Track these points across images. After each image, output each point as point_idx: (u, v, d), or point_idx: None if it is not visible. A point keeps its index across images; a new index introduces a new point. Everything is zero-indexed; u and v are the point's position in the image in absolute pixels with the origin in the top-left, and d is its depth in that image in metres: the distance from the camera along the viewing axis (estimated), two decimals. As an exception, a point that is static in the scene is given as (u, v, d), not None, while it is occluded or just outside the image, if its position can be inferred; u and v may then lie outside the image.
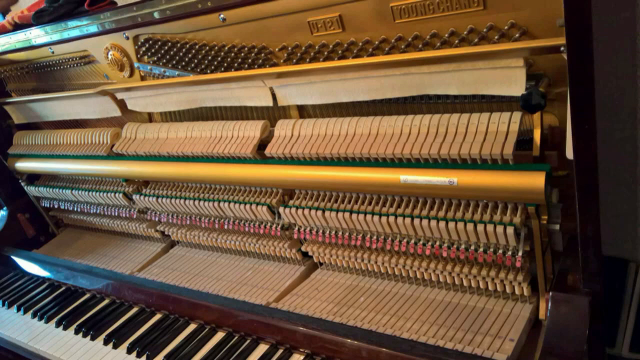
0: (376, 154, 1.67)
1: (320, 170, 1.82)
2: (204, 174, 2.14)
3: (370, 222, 1.76)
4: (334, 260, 2.00)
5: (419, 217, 1.66)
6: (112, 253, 2.75)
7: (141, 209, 2.56)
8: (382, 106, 1.78)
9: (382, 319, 1.74)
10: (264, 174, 1.97)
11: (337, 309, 1.84)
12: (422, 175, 1.58)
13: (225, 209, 2.13)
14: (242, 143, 2.01)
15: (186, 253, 2.52)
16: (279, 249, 2.14)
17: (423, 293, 1.81)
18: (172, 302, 2.11)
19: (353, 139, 1.74)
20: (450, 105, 1.64)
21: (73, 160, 2.66)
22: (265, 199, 2.04)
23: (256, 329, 1.84)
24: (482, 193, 1.52)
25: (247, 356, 1.78)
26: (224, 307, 1.96)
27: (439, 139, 1.57)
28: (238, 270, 2.26)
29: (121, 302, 2.29)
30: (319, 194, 1.91)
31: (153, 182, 2.45)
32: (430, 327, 1.65)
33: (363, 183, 1.73)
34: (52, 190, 2.90)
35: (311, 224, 1.94)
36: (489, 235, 1.54)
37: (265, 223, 2.10)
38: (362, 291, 1.91)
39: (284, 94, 1.89)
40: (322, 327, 1.72)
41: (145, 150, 2.30)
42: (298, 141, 1.87)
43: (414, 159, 1.62)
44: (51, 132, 2.81)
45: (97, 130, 2.57)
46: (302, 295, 1.98)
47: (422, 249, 1.70)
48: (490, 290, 1.69)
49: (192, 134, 2.18)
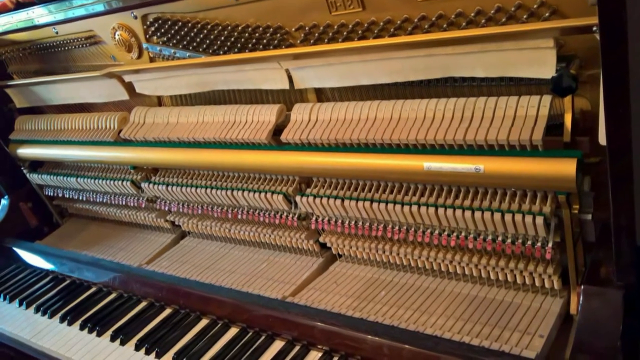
0: (398, 139, 1.70)
1: (339, 157, 1.85)
2: (216, 160, 2.18)
3: (392, 212, 1.79)
4: (353, 252, 2.03)
5: (443, 206, 1.69)
6: (119, 244, 2.80)
7: (150, 197, 2.60)
8: (404, 89, 1.82)
9: (404, 314, 1.78)
10: (279, 161, 2.01)
11: (357, 304, 1.88)
12: (446, 162, 1.61)
13: (239, 197, 2.16)
14: (257, 128, 2.04)
15: (197, 244, 2.57)
16: (295, 240, 2.18)
17: (448, 286, 1.85)
18: (182, 296, 2.15)
19: (374, 124, 1.77)
20: (476, 88, 1.67)
21: (78, 147, 2.70)
22: (281, 187, 2.07)
23: (271, 324, 1.88)
24: (510, 181, 1.55)
25: (262, 353, 1.82)
26: (237, 302, 2.00)
27: (464, 123, 1.60)
28: (252, 262, 2.30)
29: (129, 296, 2.33)
30: (337, 182, 1.95)
31: (162, 170, 2.49)
32: (456, 323, 1.69)
33: (384, 170, 1.76)
34: (56, 178, 2.94)
35: (330, 213, 1.97)
36: (517, 225, 1.58)
37: (281, 213, 2.14)
38: (384, 285, 1.95)
39: (300, 77, 1.92)
40: (341, 322, 1.75)
41: (155, 136, 2.34)
42: (316, 126, 1.90)
43: (438, 145, 1.65)
44: (55, 117, 2.85)
45: (104, 114, 2.61)
46: (320, 289, 2.02)
47: (447, 240, 1.74)
48: (519, 284, 1.72)
49: (203, 119, 2.22)
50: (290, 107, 2.01)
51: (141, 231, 2.85)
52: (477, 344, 1.57)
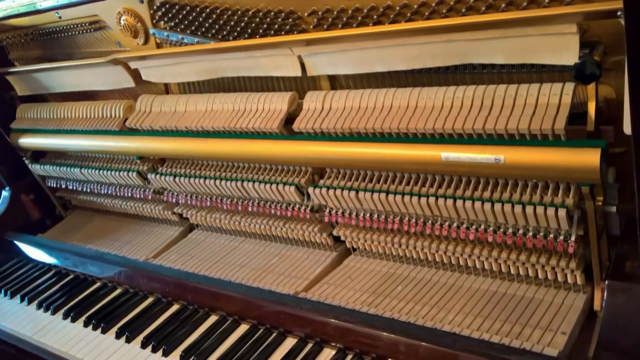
0: (415, 128, 1.72)
1: (354, 147, 1.87)
2: (226, 150, 2.20)
3: (408, 204, 1.81)
4: (368, 245, 2.06)
5: (461, 198, 1.71)
6: (124, 238, 2.82)
7: (157, 189, 2.62)
8: (421, 76, 1.84)
9: (421, 310, 1.80)
10: (291, 151, 2.03)
11: (372, 299, 1.91)
12: (465, 152, 1.63)
13: (249, 189, 2.19)
14: (268, 117, 2.07)
15: (206, 238, 2.59)
16: (308, 233, 2.20)
17: (466, 282, 1.87)
18: (190, 292, 2.18)
19: (389, 113, 1.80)
20: (497, 75, 1.69)
21: (82, 136, 2.73)
22: (293, 179, 2.10)
23: (283, 321, 1.91)
24: (531, 172, 1.57)
25: (274, 351, 1.85)
26: (247, 297, 2.03)
27: (483, 112, 1.62)
28: (263, 256, 2.33)
29: (135, 291, 2.36)
30: (352, 173, 1.97)
31: (170, 160, 2.52)
32: (474, 319, 1.71)
33: (401, 161, 1.78)
34: (59, 169, 2.97)
35: (344, 205, 2.00)
36: (538, 218, 1.60)
37: (293, 205, 2.16)
38: (400, 280, 1.97)
39: (313, 63, 1.94)
40: (355, 318, 1.77)
41: (162, 125, 2.37)
42: (329, 115, 1.93)
43: (456, 135, 1.67)
44: (58, 105, 2.87)
45: (109, 102, 2.63)
46: (333, 284, 2.04)
47: (466, 233, 1.76)
48: (540, 279, 1.75)
49: (212, 107, 2.24)
50: (303, 95, 2.03)
51: (147, 224, 2.87)
52: (497, 341, 1.58)
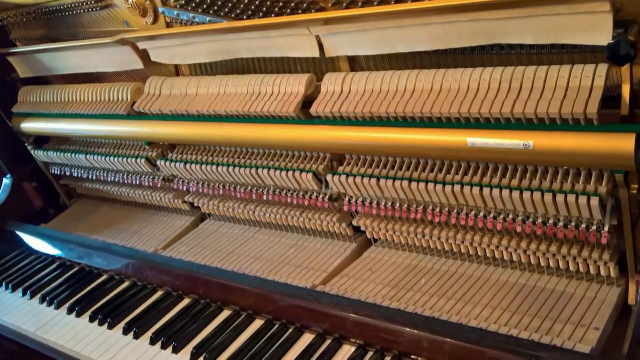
0: (439, 113, 1.74)
1: (375, 132, 1.90)
2: (239, 136, 2.23)
3: (432, 192, 1.84)
4: (390, 236, 2.09)
5: (489, 186, 1.73)
6: (132, 228, 2.87)
7: (167, 176, 2.66)
8: (446, 58, 1.86)
9: (446, 305, 1.83)
10: (309, 136, 2.05)
11: (394, 293, 1.94)
12: (492, 137, 1.65)
13: (265, 176, 2.22)
14: (284, 100, 2.08)
15: (219, 228, 2.63)
16: (326, 223, 2.23)
17: (494, 274, 1.90)
18: (202, 285, 2.21)
19: (412, 96, 1.81)
20: (525, 56, 1.71)
21: (88, 121, 2.76)
22: (311, 165, 2.13)
23: (300, 315, 1.94)
24: (562, 158, 1.58)
25: (290, 347, 1.87)
26: (262, 291, 2.06)
27: (512, 95, 1.63)
28: (279, 248, 2.37)
29: (143, 285, 2.39)
30: (373, 160, 2.00)
31: (180, 146, 2.55)
32: (502, 314, 1.73)
33: (424, 147, 1.81)
34: (64, 155, 3.00)
35: (364, 194, 2.03)
36: (570, 207, 1.62)
37: (310, 193, 2.19)
38: (423, 272, 2.01)
39: (332, 44, 1.96)
40: (376, 313, 1.80)
41: (172, 109, 2.39)
42: (349, 98, 1.94)
43: (483, 119, 1.69)
44: (62, 88, 2.89)
45: (116, 85, 2.66)
46: (353, 277, 2.07)
47: (493, 224, 1.79)
48: (572, 272, 1.77)
49: (225, 90, 2.26)
50: (321, 78, 2.04)
51: (157, 213, 2.91)
52: (526, 337, 1.60)
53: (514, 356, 1.52)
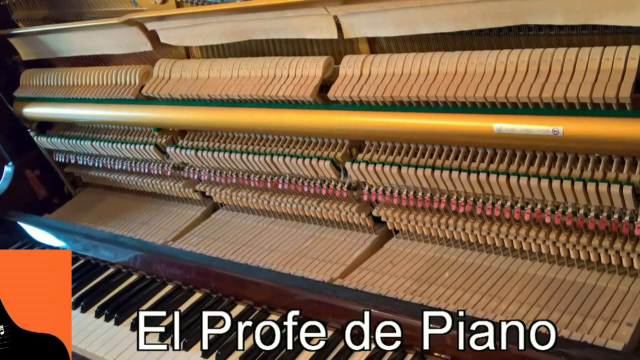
0: (464, 97, 1.75)
1: (396, 117, 1.92)
2: (253, 121, 2.25)
3: (456, 181, 1.86)
4: (412, 227, 2.11)
5: (516, 174, 1.75)
6: (140, 218, 2.90)
7: (177, 164, 2.68)
8: (470, 39, 1.87)
9: (470, 299, 1.85)
10: (326, 122, 2.08)
11: (416, 287, 1.96)
12: (520, 123, 1.66)
13: (280, 164, 2.24)
14: (300, 84, 2.10)
15: (231, 218, 2.66)
16: (345, 213, 2.25)
17: (521, 267, 1.92)
18: (214, 279, 2.23)
19: (435, 79, 1.82)
20: (555, 37, 1.72)
21: (94, 105, 2.79)
22: (329, 153, 2.15)
23: (317, 310, 1.94)
24: (593, 145, 1.60)
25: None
26: (277, 285, 2.08)
27: (540, 78, 1.64)
28: (295, 239, 2.39)
29: (152, 278, 2.41)
30: (393, 147, 2.02)
31: (191, 132, 2.58)
32: (530, 309, 1.75)
33: (448, 133, 1.82)
34: (68, 142, 3.04)
35: (384, 182, 2.05)
36: (601, 196, 1.63)
37: (328, 182, 2.21)
38: (447, 265, 2.03)
39: (351, 24, 1.97)
40: (397, 308, 1.81)
41: (182, 93, 2.41)
42: (368, 81, 1.96)
43: (509, 104, 1.70)
44: (66, 71, 2.92)
45: (123, 68, 2.68)
46: (373, 270, 2.10)
47: (520, 214, 1.80)
48: (603, 264, 1.78)
49: (239, 73, 2.27)
50: (339, 60, 2.06)
51: (166, 203, 2.94)
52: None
53: (542, 354, 1.51)
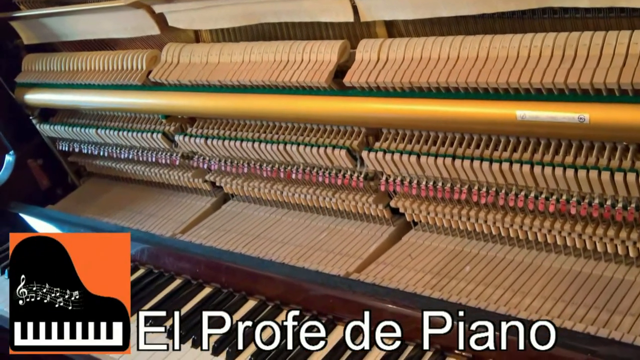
0: (486, 82, 1.75)
1: (415, 104, 1.93)
2: (266, 108, 2.28)
3: (478, 170, 1.87)
4: (431, 219, 2.13)
5: (540, 163, 1.76)
6: (148, 210, 2.93)
7: (185, 153, 2.71)
8: (492, 22, 1.87)
9: (493, 294, 1.86)
10: (342, 109, 2.10)
11: (436, 281, 1.98)
12: (544, 109, 1.67)
13: (293, 153, 2.26)
14: (315, 69, 2.11)
15: (243, 210, 2.69)
16: (361, 204, 2.27)
17: (545, 261, 1.93)
18: (225, 273, 2.25)
19: (456, 64, 1.83)
20: (580, 21, 1.72)
21: (99, 91, 2.81)
22: (344, 141, 2.16)
23: (332, 306, 1.96)
24: (621, 133, 1.61)
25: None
26: (291, 279, 2.10)
27: (565, 64, 1.65)
28: (309, 231, 2.42)
29: (160, 272, 2.43)
30: (412, 135, 2.03)
31: (201, 119, 2.60)
32: (555, 305, 1.76)
33: (469, 120, 1.84)
34: (72, 130, 3.06)
35: (403, 172, 2.06)
36: (629, 186, 1.64)
37: (344, 171, 2.23)
38: (468, 258, 2.05)
39: (367, 6, 1.98)
40: (416, 304, 1.82)
41: (191, 79, 2.43)
42: (386, 67, 1.97)
43: (533, 90, 1.70)
44: (70, 56, 2.94)
45: (130, 52, 2.69)
46: (391, 264, 2.12)
47: (544, 205, 1.82)
48: (632, 257, 1.79)
49: (250, 58, 2.29)
50: (355, 44, 2.07)
51: (174, 194, 2.97)
52: (580, 330, 1.62)
53: (567, 351, 1.52)
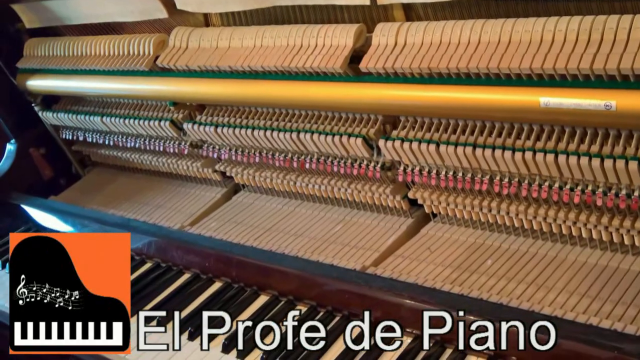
0: (508, 68, 1.76)
1: (434, 91, 1.94)
2: (278, 95, 2.30)
3: (500, 160, 1.88)
4: (451, 210, 2.14)
5: (564, 152, 1.76)
6: (155, 201, 2.96)
7: (194, 142, 2.73)
8: (515, 5, 1.88)
9: (515, 289, 1.88)
10: (358, 95, 2.11)
11: (456, 275, 1.99)
12: (569, 96, 1.68)
13: (307, 142, 2.28)
14: (330, 54, 2.12)
15: (254, 201, 2.71)
16: (378, 195, 2.29)
17: (570, 254, 1.94)
18: (235, 267, 2.26)
19: (477, 49, 1.84)
20: (607, 4, 1.72)
21: (104, 77, 2.84)
22: (360, 129, 2.18)
23: (348, 302, 1.98)
24: (649, 121, 1.62)
25: (337, 337, 1.89)
26: (304, 273, 2.12)
27: (591, 48, 1.65)
28: (324, 223, 2.44)
29: (168, 266, 2.44)
30: (431, 123, 2.05)
31: (210, 107, 2.62)
32: (580, 300, 1.77)
33: (490, 107, 1.85)
34: (76, 117, 3.09)
35: (421, 162, 2.07)
36: (658, 177, 1.66)
37: (360, 161, 2.24)
38: (489, 252, 2.06)
39: (384, -12, 2.00)
40: (436, 299, 1.84)
41: (200, 64, 2.45)
42: (404, 52, 1.98)
43: (558, 76, 1.71)
44: (74, 40, 2.96)
45: (136, 37, 2.71)
46: (409, 257, 2.13)
47: (569, 196, 1.82)
48: (661, 251, 1.81)
49: (262, 42, 2.30)
50: (372, 28, 2.08)
51: (183, 184, 2.99)
52: (607, 326, 1.63)
53: (593, 348, 1.53)
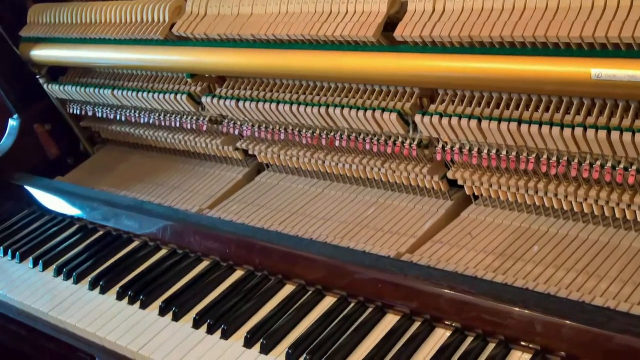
0: (556, 37, 1.76)
1: (475, 62, 1.95)
2: (306, 66, 2.31)
3: (547, 137, 1.89)
4: (494, 192, 2.15)
5: (618, 128, 1.77)
6: (171, 182, 3.00)
7: (214, 117, 2.76)
8: (565, -33, 1.90)
9: (565, 278, 1.89)
10: (392, 67, 2.12)
11: (500, 263, 2.01)
12: (623, 68, 1.67)
13: (337, 117, 2.29)
14: (362, 22, 2.13)
15: (279, 182, 2.75)
16: (414, 175, 2.30)
17: (624, 240, 1.96)
18: (259, 254, 2.29)
19: (522, 16, 1.84)
20: None
21: (115, 47, 2.87)
22: (395, 103, 2.19)
23: (382, 292, 2.00)
24: None
25: (370, 331, 1.94)
26: (334, 261, 2.14)
27: None
28: (355, 206, 2.46)
29: (185, 253, 2.49)
30: (472, 96, 2.06)
31: (231, 79, 2.64)
32: (635, 290, 1.79)
33: (537, 80, 1.85)
34: (85, 91, 3.12)
35: (462, 139, 2.09)
36: None
37: (394, 138, 2.26)
38: (536, 237, 2.08)
39: (422, -52, 2.02)
40: (477, 289, 1.86)
41: (220, 32, 2.47)
42: (442, 19, 1.99)
43: (611, 45, 1.71)
44: (83, 6, 2.98)
45: (151, 2, 2.73)
46: (448, 244, 2.16)
47: (624, 176, 1.83)
48: None
49: (288, 9, 2.32)
50: (408, -8, 2.10)
51: (201, 164, 3.04)
52: None
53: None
